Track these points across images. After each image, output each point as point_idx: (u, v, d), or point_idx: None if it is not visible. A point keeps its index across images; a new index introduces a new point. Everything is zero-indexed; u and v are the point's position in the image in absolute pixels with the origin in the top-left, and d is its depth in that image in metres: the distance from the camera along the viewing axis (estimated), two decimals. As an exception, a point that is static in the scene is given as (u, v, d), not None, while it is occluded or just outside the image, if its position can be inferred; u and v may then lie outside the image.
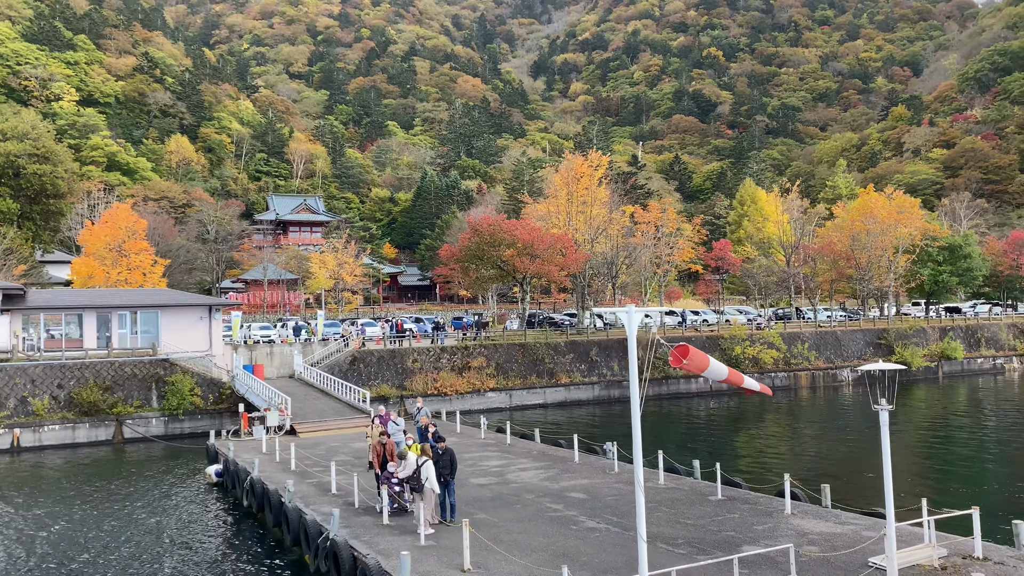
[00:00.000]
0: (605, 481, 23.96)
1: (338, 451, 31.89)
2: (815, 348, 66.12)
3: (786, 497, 20.08)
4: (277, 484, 25.50)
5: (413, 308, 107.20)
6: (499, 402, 53.74)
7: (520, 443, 32.03)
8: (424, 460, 18.77)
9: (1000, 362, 74.92)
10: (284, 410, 37.61)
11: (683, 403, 57.50)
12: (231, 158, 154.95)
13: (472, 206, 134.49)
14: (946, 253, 76.32)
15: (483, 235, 56.55)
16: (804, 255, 77.34)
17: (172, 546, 23.79)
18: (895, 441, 40.27)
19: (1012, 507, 25.31)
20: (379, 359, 52.28)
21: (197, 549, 23.47)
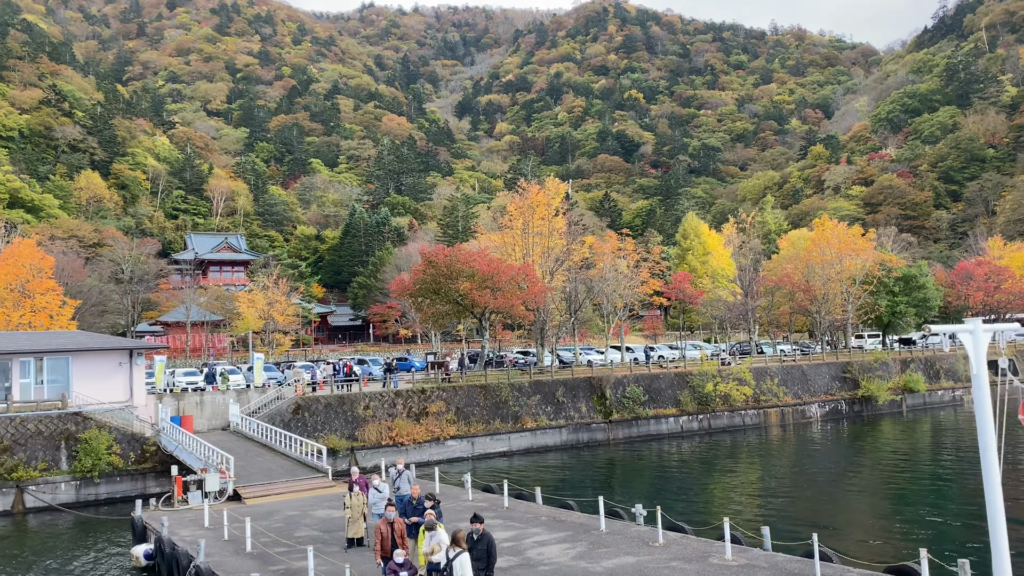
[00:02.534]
0: (656, 559, 19.29)
1: (299, 523, 26.32)
2: (783, 383, 63.14)
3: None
4: (234, 575, 19.95)
5: (347, 349, 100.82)
6: (460, 451, 48.51)
7: (520, 505, 27.07)
8: (457, 553, 13.81)
9: (959, 394, 73.52)
10: (225, 471, 31.72)
11: (655, 445, 53.41)
12: (146, 195, 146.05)
13: (404, 243, 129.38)
14: (901, 283, 75.00)
15: (439, 267, 51.66)
16: (762, 287, 74.85)
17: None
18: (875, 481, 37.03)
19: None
20: (326, 406, 46.53)
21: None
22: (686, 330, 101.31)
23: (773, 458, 48.49)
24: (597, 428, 53.53)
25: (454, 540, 13.98)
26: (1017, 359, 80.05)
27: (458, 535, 14.04)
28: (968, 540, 26.05)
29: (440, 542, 15.73)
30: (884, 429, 59.88)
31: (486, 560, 14.53)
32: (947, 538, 26.61)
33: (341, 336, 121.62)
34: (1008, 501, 30.48)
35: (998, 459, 11.47)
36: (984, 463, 11.55)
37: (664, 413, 56.33)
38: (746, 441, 54.58)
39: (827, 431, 59.47)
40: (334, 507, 28.66)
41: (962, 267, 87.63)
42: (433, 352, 72.70)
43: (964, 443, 50.49)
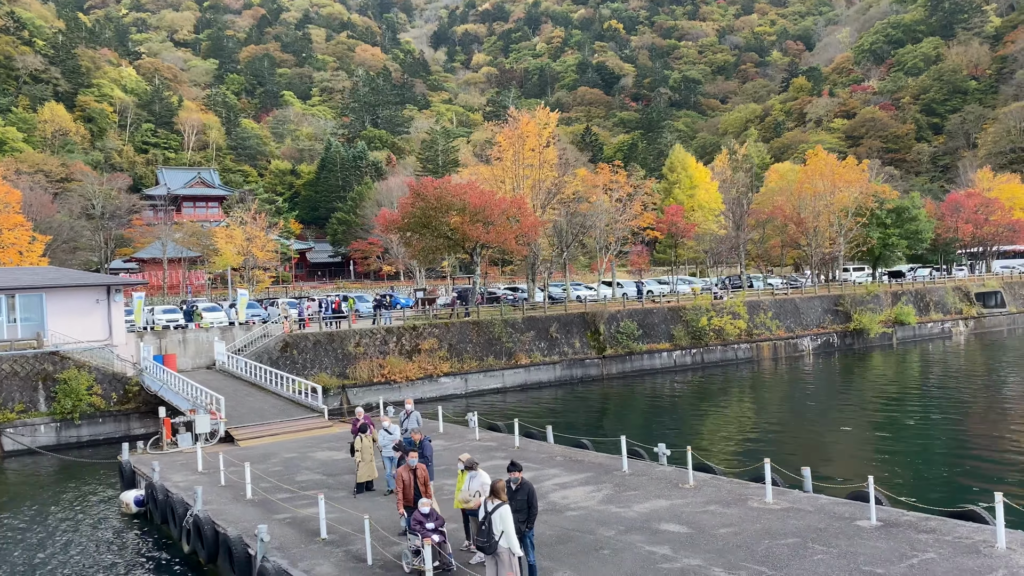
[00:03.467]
0: (690, 502, 18.09)
1: (299, 466, 24.91)
2: (776, 317, 62.35)
3: (996, 521, 14.68)
4: (236, 525, 18.53)
5: (328, 287, 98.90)
6: (454, 388, 47.29)
7: (531, 444, 25.81)
8: (497, 505, 12.39)
9: (947, 326, 73.38)
10: (216, 412, 30.18)
11: (648, 380, 52.59)
12: (114, 129, 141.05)
13: (382, 178, 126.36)
14: (894, 215, 74.05)
15: (428, 199, 49.57)
16: (752, 220, 73.56)
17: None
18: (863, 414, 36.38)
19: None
20: (315, 344, 44.92)
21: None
22: (672, 265, 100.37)
23: (768, 392, 47.83)
24: (591, 364, 52.49)
25: (493, 491, 12.55)
26: (1005, 291, 79.97)
27: (497, 485, 12.60)
28: (997, 476, 25.26)
29: (483, 485, 14.36)
30: (877, 362, 59.53)
31: (527, 512, 13.15)
32: (978, 475, 25.83)
33: (320, 273, 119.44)
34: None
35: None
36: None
37: (658, 348, 55.38)
38: (739, 375, 53.92)
39: (819, 364, 58.99)
40: (334, 448, 27.31)
41: (952, 199, 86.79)
42: (424, 288, 71.03)
43: (958, 374, 50.08)
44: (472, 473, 14.60)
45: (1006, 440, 30.58)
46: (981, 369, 52.79)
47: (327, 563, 15.46)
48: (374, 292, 77.28)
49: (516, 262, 62.64)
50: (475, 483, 14.48)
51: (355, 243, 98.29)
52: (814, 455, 29.25)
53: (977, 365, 55.29)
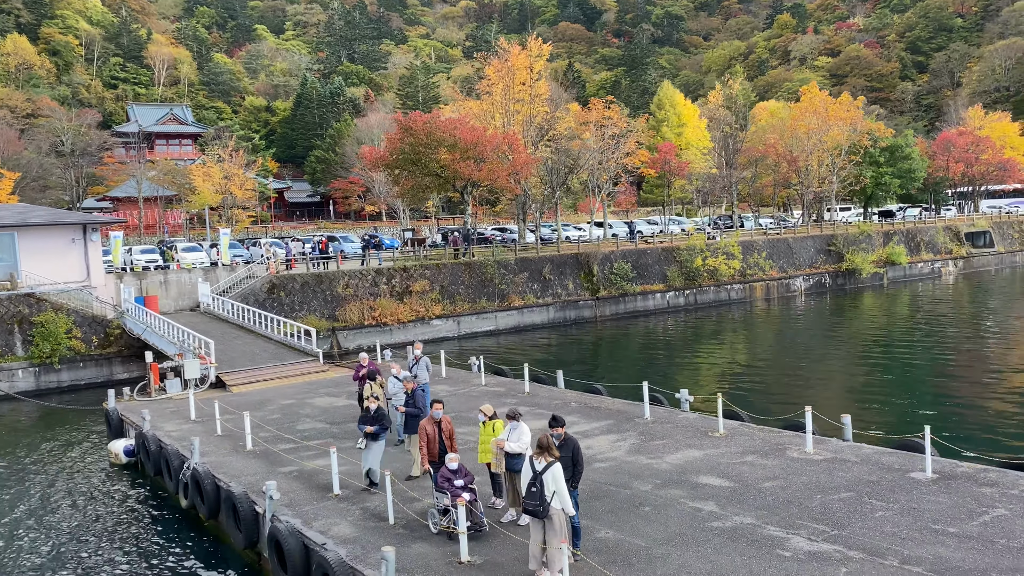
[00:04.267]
0: (725, 452, 17.06)
1: (298, 413, 23.63)
2: (770, 257, 61.47)
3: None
4: (239, 479, 17.29)
5: (308, 227, 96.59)
6: (446, 330, 46.10)
7: (541, 390, 24.68)
8: (549, 464, 11.18)
9: (937, 266, 73.01)
10: (205, 356, 28.74)
11: (642, 321, 51.73)
12: (81, 63, 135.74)
13: (361, 115, 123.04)
14: (887, 154, 72.91)
15: (417, 135, 47.56)
16: (744, 159, 72.12)
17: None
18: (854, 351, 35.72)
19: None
20: (303, 285, 43.35)
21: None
22: (659, 205, 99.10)
23: (764, 333, 47.14)
24: (584, 305, 51.42)
25: (542, 448, 11.33)
26: (994, 231, 79.65)
27: (546, 442, 11.38)
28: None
29: (523, 437, 13.17)
30: (869, 302, 59.05)
31: (572, 469, 11.99)
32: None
33: (299, 213, 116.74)
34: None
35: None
36: None
37: (651, 289, 54.37)
38: (733, 316, 53.22)
39: (812, 305, 58.41)
40: (333, 394, 26.07)
41: (944, 137, 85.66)
42: (412, 229, 69.33)
43: (956, 314, 49.59)
44: (512, 424, 13.37)
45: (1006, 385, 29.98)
46: (978, 309, 52.33)
47: (344, 522, 14.28)
48: (357, 232, 75.47)
49: (505, 202, 60.93)
50: (514, 436, 13.27)
51: (335, 182, 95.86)
52: (826, 399, 28.46)
53: (974, 304, 54.85)
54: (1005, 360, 35.10)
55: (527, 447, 13.29)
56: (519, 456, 13.24)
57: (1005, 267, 77.76)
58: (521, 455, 13.23)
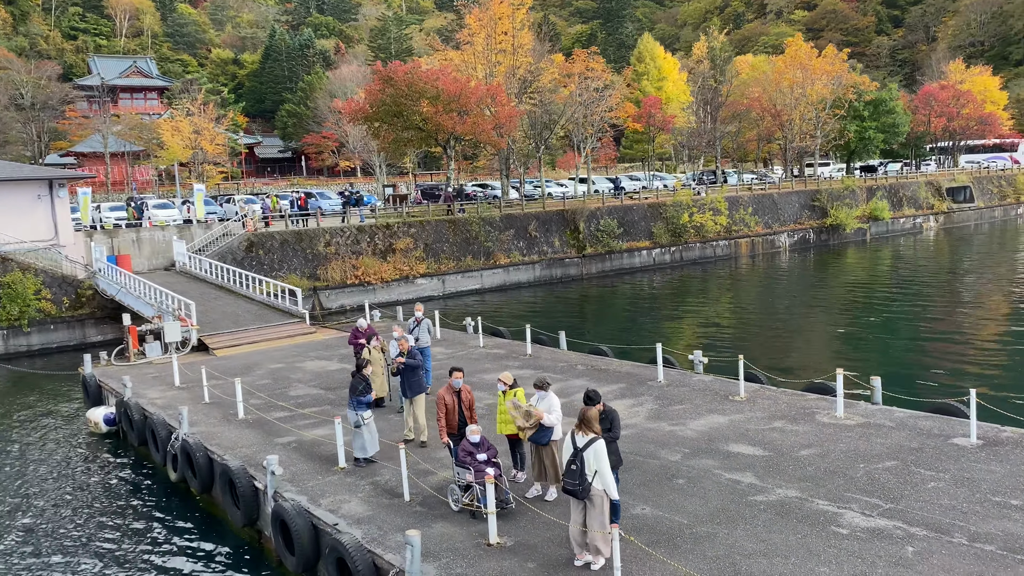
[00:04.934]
0: (751, 418, 16.18)
1: (289, 378, 22.43)
2: (755, 213, 60.73)
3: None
4: (234, 451, 16.15)
5: (280, 183, 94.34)
6: (431, 289, 44.90)
7: (543, 352, 23.65)
8: (591, 440, 10.15)
9: (919, 221, 72.90)
10: (186, 318, 27.33)
11: (628, 278, 50.90)
12: (38, 12, 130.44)
13: (331, 68, 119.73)
14: (871, 108, 72.15)
15: (398, 86, 45.74)
16: (728, 112, 70.97)
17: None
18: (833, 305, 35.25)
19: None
20: (282, 243, 41.81)
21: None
22: (638, 161, 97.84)
23: (752, 290, 46.56)
24: (571, 263, 50.40)
25: (584, 422, 10.29)
26: (974, 186, 79.57)
27: (588, 414, 10.33)
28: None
29: (553, 408, 12.14)
30: (854, 258, 58.73)
31: (611, 444, 10.98)
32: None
33: (270, 169, 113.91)
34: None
35: None
36: None
37: (637, 246, 53.44)
38: (719, 272, 52.60)
39: (796, 261, 57.98)
40: (324, 357, 24.87)
41: (925, 91, 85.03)
42: (393, 184, 67.54)
43: (941, 270, 49.31)
44: (540, 394, 12.31)
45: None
46: (962, 265, 52.08)
47: (354, 499, 13.21)
48: (333, 189, 73.53)
49: (487, 156, 59.36)
50: (543, 407, 12.22)
51: (307, 137, 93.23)
52: (823, 359, 27.80)
53: (957, 260, 54.62)
54: (994, 316, 34.73)
55: (558, 419, 12.30)
56: (548, 429, 12.23)
57: (984, 222, 77.91)
58: (550, 428, 12.24)
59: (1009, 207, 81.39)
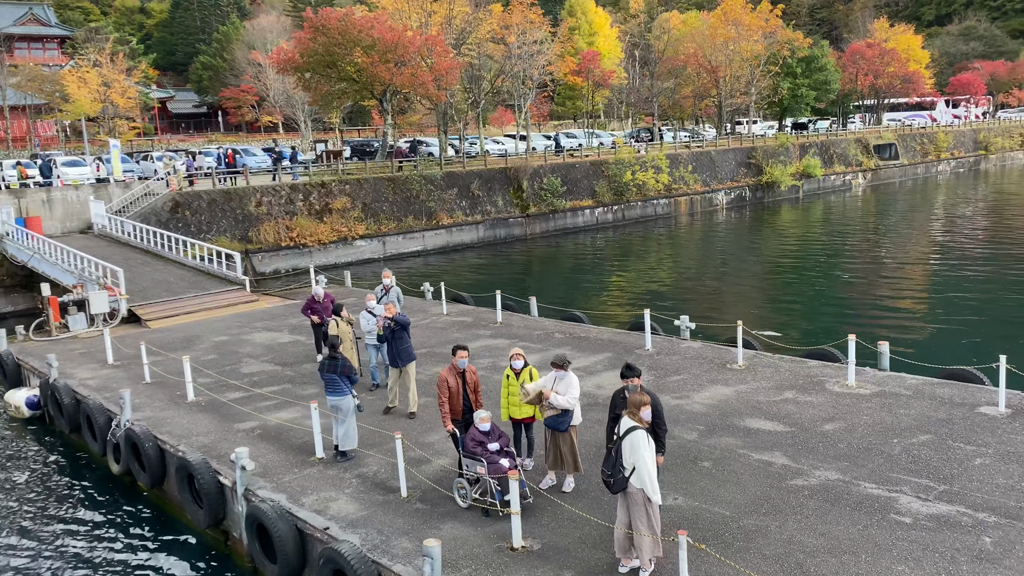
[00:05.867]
0: (757, 388, 15.12)
1: (237, 352, 20.40)
2: (695, 171, 60.18)
3: None
4: (188, 440, 14.24)
5: (197, 139, 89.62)
6: (371, 251, 42.76)
7: (513, 319, 22.16)
8: (631, 428, 8.78)
9: (848, 178, 73.80)
10: (113, 287, 24.81)
11: (572, 238, 49.77)
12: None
13: (247, 18, 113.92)
14: (803, 65, 72.24)
15: (331, 34, 42.94)
16: (665, 68, 70.00)
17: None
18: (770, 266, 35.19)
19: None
20: (210, 203, 38.97)
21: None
22: (570, 119, 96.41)
23: (698, 247, 46.15)
24: (515, 223, 48.86)
25: (632, 405, 8.89)
26: (899, 143, 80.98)
27: (634, 398, 8.93)
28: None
29: (571, 389, 10.71)
30: (789, 215, 58.98)
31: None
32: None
33: (185, 125, 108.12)
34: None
35: None
36: None
37: (581, 205, 52.24)
38: (660, 231, 51.98)
39: (734, 219, 57.86)
40: (272, 328, 22.84)
41: (853, 49, 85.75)
42: (324, 141, 64.34)
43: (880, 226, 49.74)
44: (558, 374, 10.85)
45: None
46: (891, 221, 52.68)
47: (342, 496, 11.58)
48: (257, 145, 69.88)
49: (423, 111, 56.93)
50: (561, 388, 10.78)
51: (225, 91, 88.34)
52: (778, 316, 27.20)
53: (886, 216, 55.27)
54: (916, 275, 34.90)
55: (576, 401, 10.89)
56: (567, 413, 10.83)
57: (908, 179, 79.48)
58: (569, 412, 10.84)
59: (931, 164, 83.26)
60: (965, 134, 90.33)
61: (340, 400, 12.60)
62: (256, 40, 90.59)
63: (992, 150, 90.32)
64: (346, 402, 12.64)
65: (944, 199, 64.75)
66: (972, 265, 35.59)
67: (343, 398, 12.61)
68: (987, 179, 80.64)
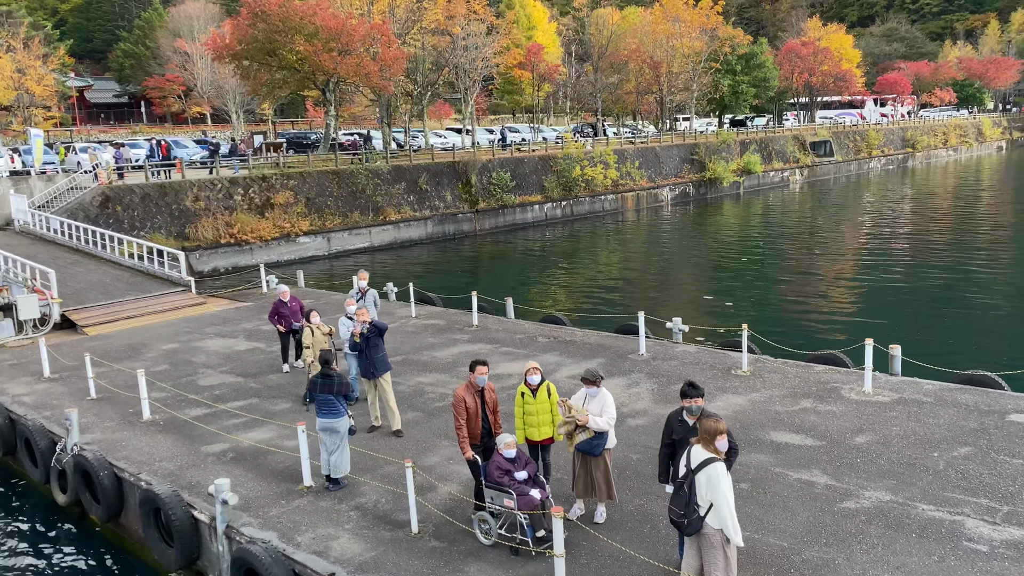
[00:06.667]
0: (768, 396, 14.21)
1: (192, 362, 18.58)
2: (641, 167, 59.79)
3: None
4: (150, 467, 12.57)
5: (119, 130, 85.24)
6: (315, 248, 40.86)
7: (488, 321, 20.85)
8: (707, 460, 7.69)
9: (786, 175, 74.62)
10: (43, 290, 22.59)
11: (520, 234, 48.72)
12: None
13: (171, 4, 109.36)
14: (743, 62, 72.70)
15: (271, 20, 40.78)
16: (607, 63, 69.49)
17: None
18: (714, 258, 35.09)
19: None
20: (143, 198, 36.52)
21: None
22: (509, 114, 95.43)
23: (646, 244, 45.60)
24: (464, 218, 47.50)
25: (705, 433, 7.77)
26: (833, 140, 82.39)
27: (710, 425, 7.79)
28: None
29: (608, 408, 9.54)
30: (734, 211, 59.17)
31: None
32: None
33: (104, 116, 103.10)
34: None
35: None
36: None
37: (530, 200, 51.20)
38: (608, 227, 51.38)
39: (679, 215, 57.66)
40: (225, 334, 21.04)
41: (789, 47, 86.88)
42: (263, 132, 61.68)
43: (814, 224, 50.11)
44: (591, 391, 9.68)
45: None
46: (828, 218, 53.21)
47: (343, 534, 10.16)
48: (187, 137, 66.72)
49: (366, 103, 55.01)
50: (594, 406, 9.60)
51: (149, 80, 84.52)
52: (734, 314, 26.65)
53: (824, 212, 55.85)
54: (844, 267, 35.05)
55: (613, 422, 9.73)
56: (601, 435, 9.66)
57: (842, 175, 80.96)
58: (604, 434, 9.67)
59: (863, 161, 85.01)
60: (894, 132, 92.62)
61: (336, 422, 11.15)
62: (182, 27, 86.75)
63: (919, 148, 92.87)
64: (343, 423, 11.20)
65: (885, 195, 65.91)
66: (919, 266, 35.84)
67: (339, 419, 11.17)
68: (914, 176, 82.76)
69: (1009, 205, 57.08)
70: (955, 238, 42.26)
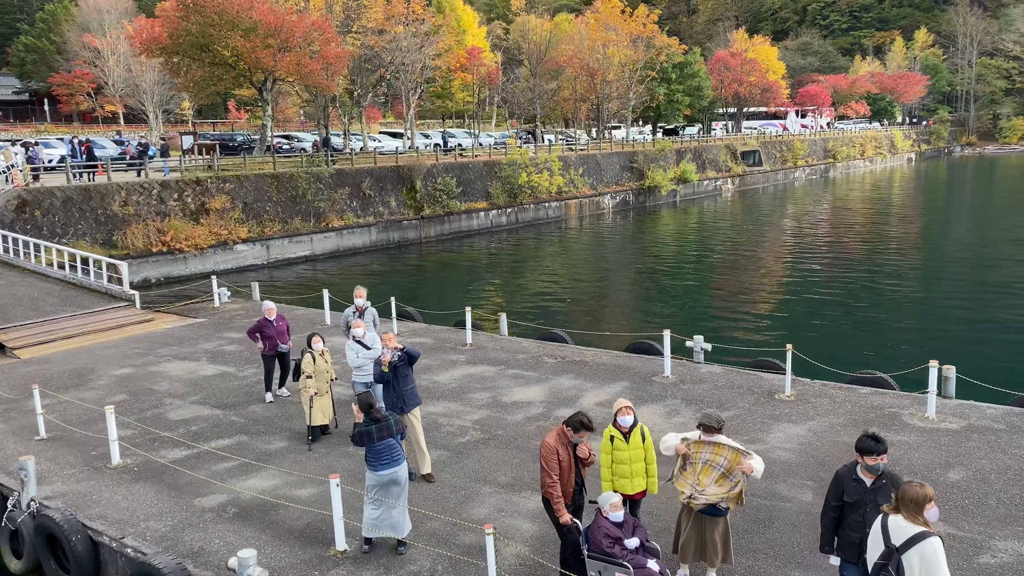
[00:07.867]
0: (828, 425, 12.95)
1: (153, 391, 16.18)
2: (584, 174, 58.90)
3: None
4: (134, 527, 10.38)
5: (23, 129, 79.53)
6: (254, 257, 38.18)
7: (481, 338, 19.07)
8: (916, 535, 6.23)
9: (719, 183, 75.11)
10: (-36, 308, 19.66)
11: (467, 242, 47.08)
12: None
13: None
14: (678, 71, 72.82)
15: (206, 14, 37.94)
16: (544, 69, 68.48)
17: None
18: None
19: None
20: (65, 202, 33.24)
21: None
22: (474, 119, 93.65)
23: (593, 252, 44.68)
24: (409, 226, 45.47)
25: (905, 501, 6.30)
26: (762, 150, 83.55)
27: (920, 494, 6.33)
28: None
29: (729, 460, 8.04)
30: (670, 219, 58.89)
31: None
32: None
33: (3, 113, 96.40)
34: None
35: None
36: None
37: (475, 207, 49.55)
38: (553, 235, 50.39)
39: (620, 223, 57.03)
40: (185, 356, 18.64)
41: (718, 57, 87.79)
42: (193, 132, 57.98)
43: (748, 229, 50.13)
44: (708, 439, 8.16)
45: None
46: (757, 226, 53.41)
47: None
48: (105, 137, 62.42)
49: (300, 102, 52.33)
50: (707, 455, 8.07)
51: (55, 76, 79.27)
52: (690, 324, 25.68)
53: (755, 221, 56.10)
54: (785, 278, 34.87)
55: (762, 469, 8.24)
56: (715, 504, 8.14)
57: (771, 184, 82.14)
58: (716, 506, 8.16)
59: (789, 170, 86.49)
60: (816, 143, 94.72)
61: (400, 469, 9.27)
62: (91, 22, 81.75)
63: (839, 158, 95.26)
64: (404, 470, 9.34)
65: (814, 204, 66.81)
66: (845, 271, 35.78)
67: (402, 465, 9.31)
68: (835, 185, 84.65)
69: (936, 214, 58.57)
70: (884, 247, 42.62)
